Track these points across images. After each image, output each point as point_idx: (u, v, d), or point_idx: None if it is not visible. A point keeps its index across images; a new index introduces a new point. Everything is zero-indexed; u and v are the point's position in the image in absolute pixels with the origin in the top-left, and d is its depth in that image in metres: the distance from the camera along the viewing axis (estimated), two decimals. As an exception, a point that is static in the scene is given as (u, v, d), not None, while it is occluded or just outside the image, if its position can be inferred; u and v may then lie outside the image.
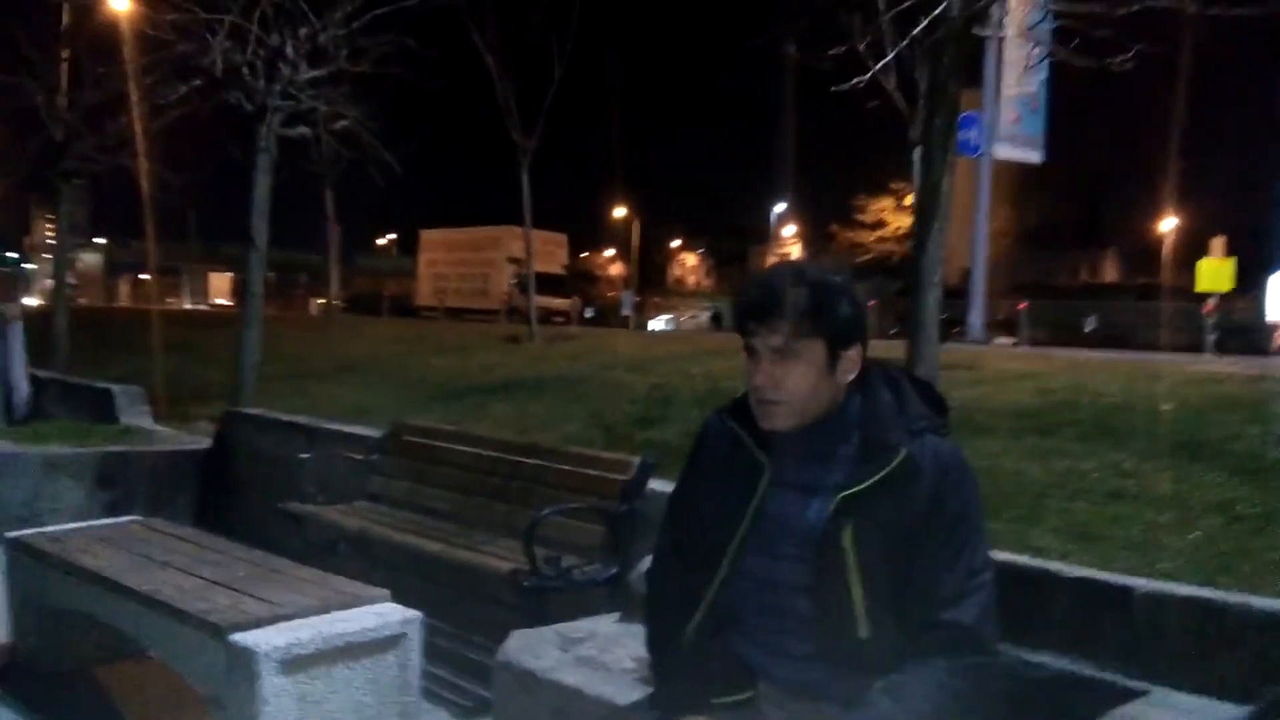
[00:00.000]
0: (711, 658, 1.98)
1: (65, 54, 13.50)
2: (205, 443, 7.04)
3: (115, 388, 8.31)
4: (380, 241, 78.75)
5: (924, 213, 5.60)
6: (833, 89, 6.29)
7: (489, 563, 3.91)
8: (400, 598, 4.83)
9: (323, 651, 3.06)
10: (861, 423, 1.94)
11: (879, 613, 1.86)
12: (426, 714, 3.73)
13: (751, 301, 1.93)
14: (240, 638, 2.99)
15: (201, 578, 3.54)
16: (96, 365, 14.25)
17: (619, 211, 51.93)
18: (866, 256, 43.72)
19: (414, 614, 3.29)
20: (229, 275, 58.47)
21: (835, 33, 8.47)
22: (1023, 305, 21.75)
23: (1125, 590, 2.86)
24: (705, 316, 36.98)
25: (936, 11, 5.51)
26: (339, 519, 4.68)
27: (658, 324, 38.29)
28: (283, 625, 3.09)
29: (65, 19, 13.74)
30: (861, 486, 1.87)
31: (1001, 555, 3.21)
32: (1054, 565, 3.08)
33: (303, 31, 9.74)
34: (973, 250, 19.51)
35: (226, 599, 3.30)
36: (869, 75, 6.32)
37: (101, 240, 75.69)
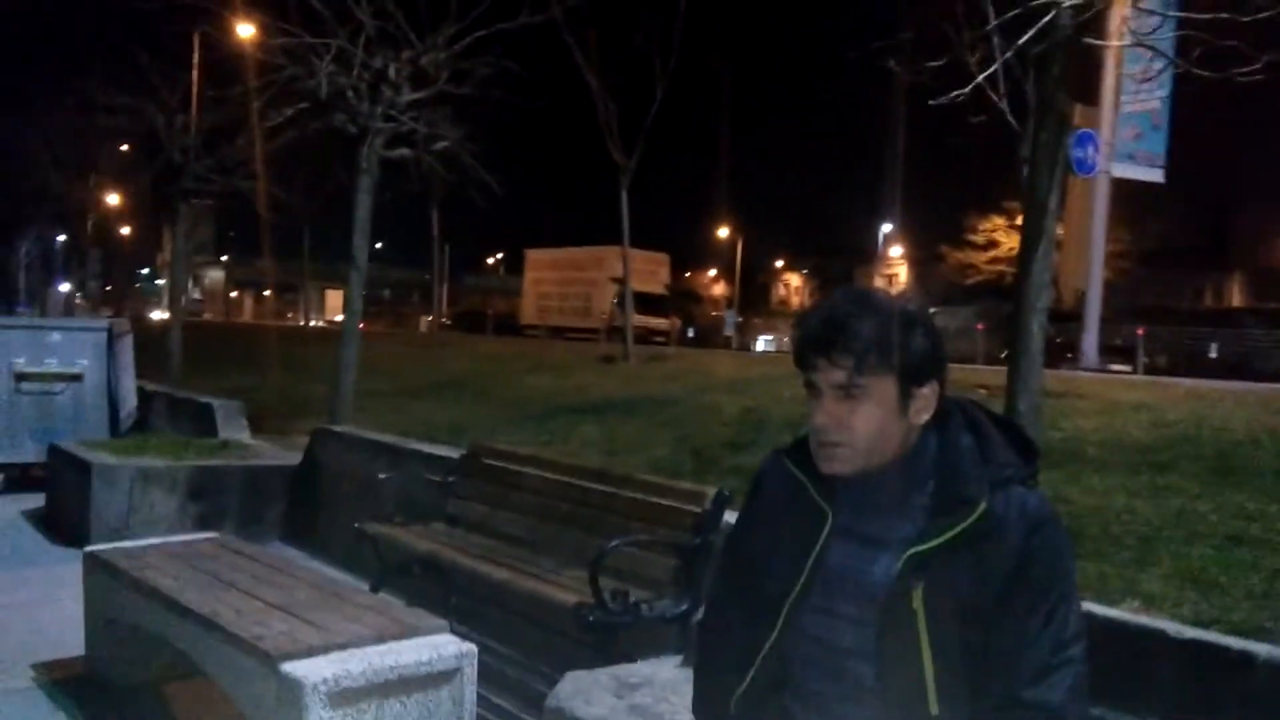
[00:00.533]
0: None
1: (186, 79, 14.01)
2: (296, 459, 7.11)
3: (216, 402, 8.49)
4: (489, 261, 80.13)
5: (1029, 232, 5.28)
6: (931, 102, 6.00)
7: (555, 594, 3.77)
8: (468, 622, 4.76)
9: (373, 684, 2.96)
10: (937, 470, 1.73)
11: (952, 687, 1.64)
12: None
13: (812, 332, 1.72)
14: (290, 668, 2.91)
15: (263, 600, 3.49)
16: (210, 378, 14.71)
17: (722, 231, 51.74)
18: (977, 278, 42.56)
19: (469, 647, 3.16)
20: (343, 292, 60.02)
21: (943, 45, 8.18)
22: (1141, 330, 20.76)
23: (1246, 657, 2.55)
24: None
25: (1045, 20, 5.20)
26: (411, 541, 4.61)
27: (760, 344, 37.96)
28: (334, 655, 3.00)
29: (196, 49, 14.29)
30: (934, 544, 1.65)
31: (1103, 611, 2.93)
32: (1163, 624, 2.77)
33: (405, 55, 9.87)
34: (1088, 273, 18.71)
35: (283, 625, 3.23)
36: (969, 88, 6.01)
37: (224, 258, 78.76)
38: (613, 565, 3.82)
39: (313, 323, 47.37)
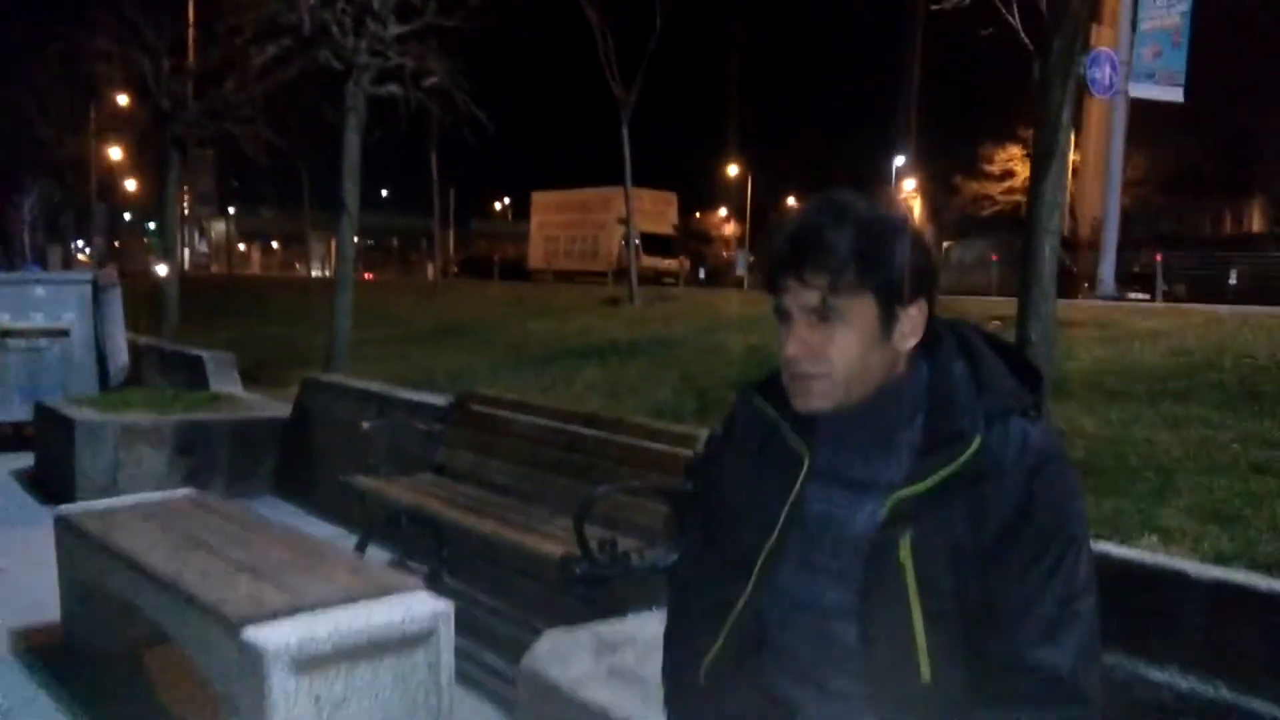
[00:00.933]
0: (736, 693, 1.58)
1: (172, 22, 13.65)
2: (286, 410, 6.93)
3: (206, 354, 8.31)
4: (496, 206, 79.52)
5: (1041, 150, 4.97)
6: (934, 5, 5.64)
7: (541, 546, 3.58)
8: (459, 575, 4.60)
9: (340, 649, 2.78)
10: (927, 402, 1.50)
11: (946, 649, 1.42)
12: (469, 704, 3.45)
13: (781, 248, 1.49)
14: (252, 633, 2.73)
15: (232, 561, 3.31)
16: (209, 331, 14.56)
17: (731, 169, 51.05)
18: (993, 209, 41.92)
19: (445, 606, 2.98)
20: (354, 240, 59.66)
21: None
22: (1159, 257, 20.34)
23: (1274, 597, 2.34)
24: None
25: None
26: (397, 494, 4.43)
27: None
28: (301, 618, 2.82)
29: None
30: (922, 486, 1.43)
31: (1119, 551, 2.72)
32: (1182, 564, 2.56)
33: (390, -15, 9.51)
34: (1105, 199, 18.26)
35: (249, 587, 3.05)
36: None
37: (231, 210, 78.41)
38: (603, 514, 3.62)
39: (316, 273, 47.13)
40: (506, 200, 76.44)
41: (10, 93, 22.68)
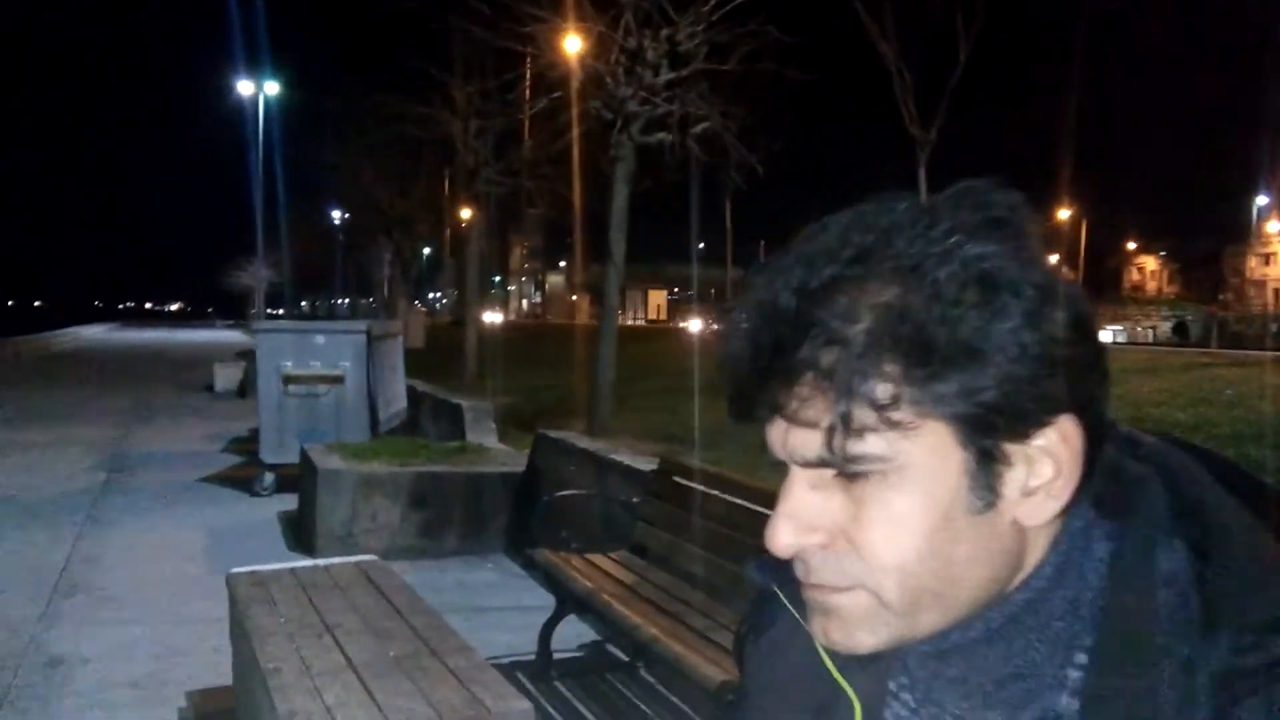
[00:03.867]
0: None
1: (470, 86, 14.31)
2: (523, 466, 6.66)
3: (465, 403, 8.29)
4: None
5: None
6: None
7: (700, 667, 2.88)
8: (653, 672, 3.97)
9: (403, 792, 2.25)
10: (1094, 629, 0.70)
11: None
12: None
13: (739, 339, 0.69)
14: (306, 759, 2.26)
15: (342, 656, 2.90)
16: (508, 378, 15.00)
17: (1062, 212, 47.38)
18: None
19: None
20: (663, 292, 61.62)
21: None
22: None
23: None
24: (1166, 326, 32.61)
25: None
26: (573, 575, 3.89)
27: (1106, 335, 34.37)
28: (369, 744, 2.32)
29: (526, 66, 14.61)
30: None
31: None
32: None
33: (663, 33, 9.29)
34: None
35: (338, 693, 2.61)
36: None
37: (563, 264, 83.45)
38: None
39: (635, 322, 48.71)
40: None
41: (351, 158, 25.09)
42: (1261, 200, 46.27)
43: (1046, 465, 0.65)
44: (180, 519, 7.35)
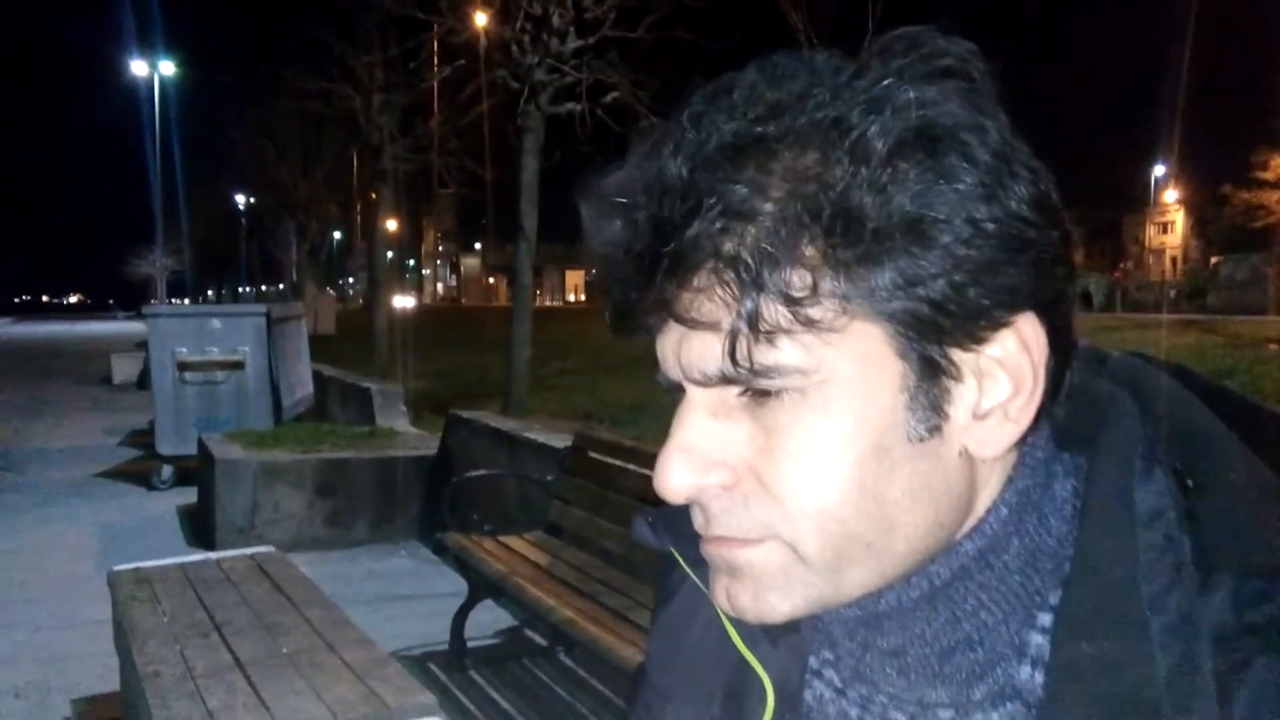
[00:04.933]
0: None
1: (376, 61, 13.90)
2: (434, 448, 6.43)
3: (374, 387, 8.01)
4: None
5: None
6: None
7: (617, 649, 2.73)
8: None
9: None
10: (1070, 567, 0.56)
11: None
12: None
13: (606, 224, 0.52)
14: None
15: (228, 657, 2.68)
16: (421, 362, 14.66)
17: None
18: (1267, 220, 37.63)
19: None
20: (581, 272, 61.42)
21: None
22: None
23: None
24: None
25: None
26: (484, 558, 3.71)
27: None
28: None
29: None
30: None
31: None
32: None
33: (569, -1, 9.06)
34: None
35: (222, 697, 2.39)
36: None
37: (478, 246, 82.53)
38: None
39: (553, 303, 48.39)
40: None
41: (252, 137, 24.30)
42: (1159, 170, 47.83)
43: (1003, 380, 0.50)
44: (72, 517, 6.95)
